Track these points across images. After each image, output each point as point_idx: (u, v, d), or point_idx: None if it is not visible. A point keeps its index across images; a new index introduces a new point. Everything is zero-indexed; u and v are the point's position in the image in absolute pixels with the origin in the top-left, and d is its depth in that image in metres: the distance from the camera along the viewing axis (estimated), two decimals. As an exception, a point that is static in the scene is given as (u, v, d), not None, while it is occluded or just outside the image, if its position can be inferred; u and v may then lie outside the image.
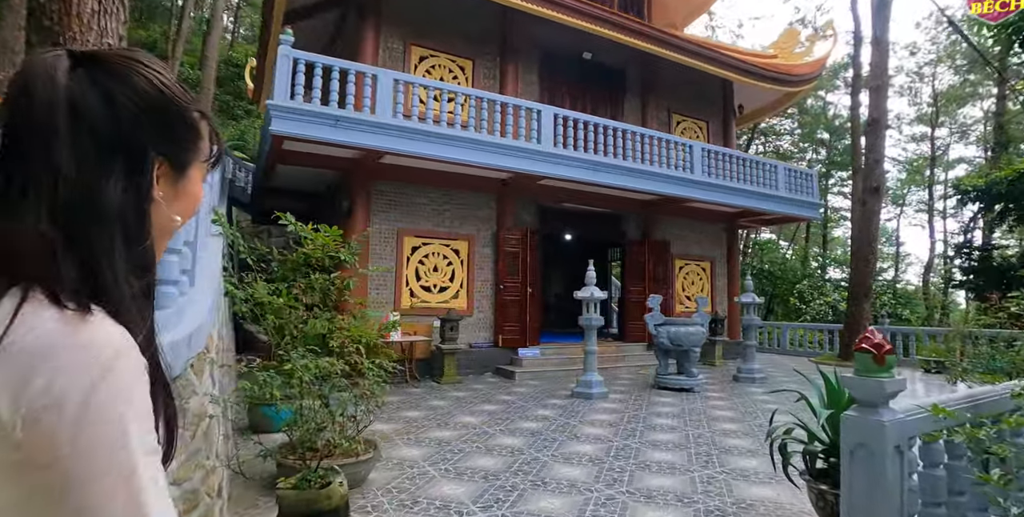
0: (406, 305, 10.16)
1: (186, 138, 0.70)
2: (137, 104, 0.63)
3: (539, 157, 9.89)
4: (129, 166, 0.62)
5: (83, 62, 0.61)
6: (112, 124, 0.61)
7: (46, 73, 0.59)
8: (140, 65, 0.65)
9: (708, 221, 13.78)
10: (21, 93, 0.59)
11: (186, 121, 0.70)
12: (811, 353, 15.46)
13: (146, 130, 0.64)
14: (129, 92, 0.63)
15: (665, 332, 9.17)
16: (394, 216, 10.23)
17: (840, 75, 32.55)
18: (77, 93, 0.59)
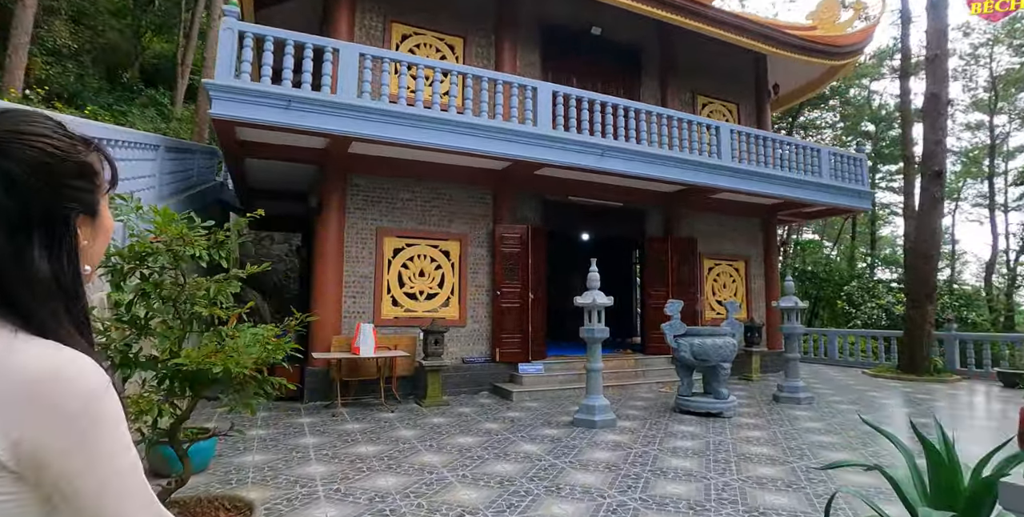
0: (388, 315, 8.78)
1: (91, 184, 0.75)
2: (35, 177, 0.68)
3: (537, 141, 8.39)
4: (51, 234, 0.69)
5: None
6: (23, 204, 0.67)
7: None
8: (26, 137, 0.68)
9: (741, 215, 12.01)
10: None
11: (85, 169, 0.74)
12: (864, 364, 13.46)
13: (61, 198, 0.70)
14: (25, 168, 0.67)
15: (687, 344, 7.52)
16: (373, 214, 8.87)
17: (885, 62, 30.05)
18: None
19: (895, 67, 29.67)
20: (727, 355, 7.48)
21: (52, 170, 0.70)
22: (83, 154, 0.74)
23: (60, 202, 0.71)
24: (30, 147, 0.68)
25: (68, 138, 0.73)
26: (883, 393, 9.75)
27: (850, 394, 9.53)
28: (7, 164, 0.66)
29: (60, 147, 0.71)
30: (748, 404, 8.38)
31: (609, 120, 9.00)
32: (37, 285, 0.68)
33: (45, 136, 0.70)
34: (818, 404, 8.43)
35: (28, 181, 0.67)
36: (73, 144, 0.73)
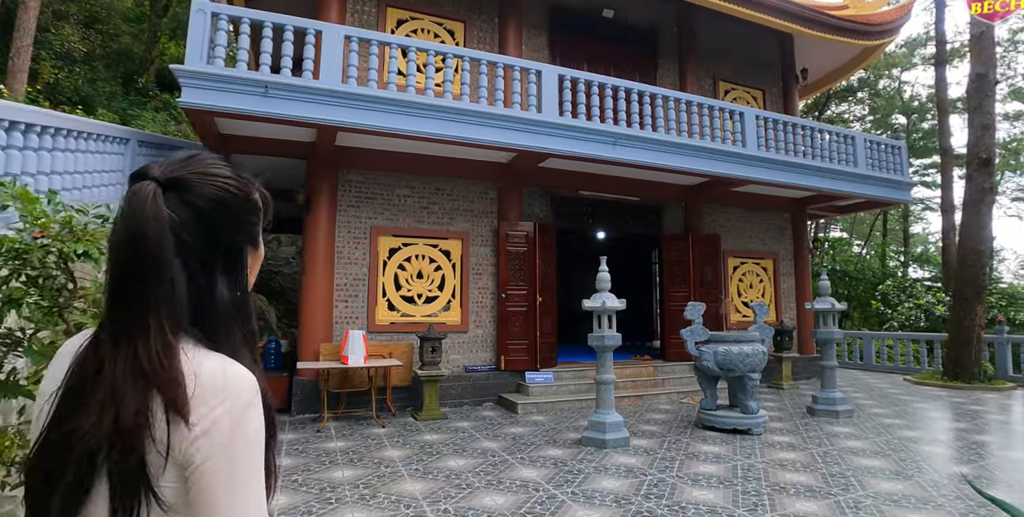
0: (383, 320, 8.07)
1: (256, 218, 0.87)
2: (221, 212, 0.79)
3: (542, 129, 7.61)
4: (230, 264, 0.82)
5: (169, 187, 0.77)
6: (210, 237, 0.79)
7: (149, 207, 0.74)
8: (212, 178, 0.80)
9: (768, 209, 11.07)
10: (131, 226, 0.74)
11: (254, 206, 0.86)
12: (904, 370, 12.38)
13: (237, 231, 0.83)
14: (213, 205, 0.79)
15: (711, 352, 6.66)
16: (367, 211, 8.17)
17: (917, 51, 28.57)
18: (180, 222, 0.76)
19: (926, 56, 28.27)
20: (756, 364, 6.60)
21: (232, 206, 0.81)
22: (253, 192, 0.85)
23: (238, 235, 0.83)
24: (216, 187, 0.79)
25: (241, 178, 0.84)
26: (930, 404, 8.74)
27: (893, 405, 8.55)
28: (199, 201, 0.77)
29: (238, 186, 0.82)
30: (779, 417, 7.47)
31: (622, 106, 8.17)
32: (220, 310, 0.79)
33: (227, 177, 0.81)
34: (859, 418, 7.49)
35: (215, 216, 0.79)
36: (246, 183, 0.84)
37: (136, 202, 0.74)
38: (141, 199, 0.74)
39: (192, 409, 0.70)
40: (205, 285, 0.77)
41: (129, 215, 0.74)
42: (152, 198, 0.74)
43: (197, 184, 0.77)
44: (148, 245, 0.72)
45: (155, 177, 0.77)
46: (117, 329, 0.73)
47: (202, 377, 0.72)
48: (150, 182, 0.76)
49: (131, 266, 0.73)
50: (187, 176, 0.78)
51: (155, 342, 0.71)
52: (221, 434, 0.70)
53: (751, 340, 6.74)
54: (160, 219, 0.73)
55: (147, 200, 0.74)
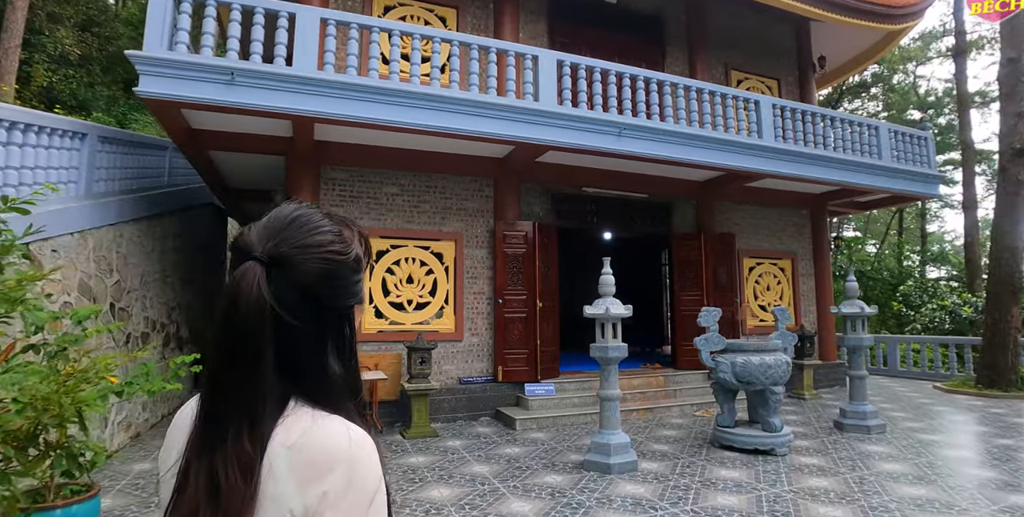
0: (370, 329, 7.41)
1: (361, 274, 0.81)
2: (329, 285, 0.75)
3: (540, 119, 6.92)
4: (339, 334, 0.77)
5: (272, 266, 0.72)
6: (317, 311, 0.74)
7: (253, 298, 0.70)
8: (315, 249, 0.75)
9: (785, 205, 10.31)
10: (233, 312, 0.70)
11: (358, 262, 0.80)
12: (932, 376, 11.54)
13: (344, 298, 0.78)
14: (321, 280, 0.74)
15: (728, 363, 5.94)
16: (352, 211, 7.52)
17: (932, 45, 27.60)
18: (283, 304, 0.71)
19: (942, 49, 27.30)
20: (779, 376, 5.87)
21: (336, 275, 0.76)
22: (354, 247, 0.80)
23: (347, 301, 0.78)
24: (321, 259, 0.74)
25: (342, 235, 0.79)
26: (967, 415, 7.94)
27: (927, 417, 7.76)
28: (306, 280, 0.73)
29: (340, 251, 0.77)
30: (804, 434, 6.72)
31: (627, 94, 7.47)
32: (332, 384, 0.75)
33: (330, 244, 0.76)
34: (892, 434, 6.72)
35: (319, 290, 0.74)
36: (346, 241, 0.79)
37: (239, 287, 0.70)
38: (245, 284, 0.70)
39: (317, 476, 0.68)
40: (315, 362, 0.74)
41: (232, 302, 0.70)
42: (255, 284, 0.70)
43: (301, 261, 0.73)
44: (249, 335, 0.70)
45: (257, 257, 0.72)
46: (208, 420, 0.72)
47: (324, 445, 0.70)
48: (254, 264, 0.72)
49: (228, 355, 0.71)
50: (290, 253, 0.73)
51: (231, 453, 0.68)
52: (346, 503, 0.68)
53: (772, 349, 6.01)
54: (260, 307, 0.70)
55: (252, 287, 0.70)
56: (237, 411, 0.70)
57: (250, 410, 0.70)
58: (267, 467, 0.68)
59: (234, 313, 0.70)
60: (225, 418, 0.70)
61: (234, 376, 0.71)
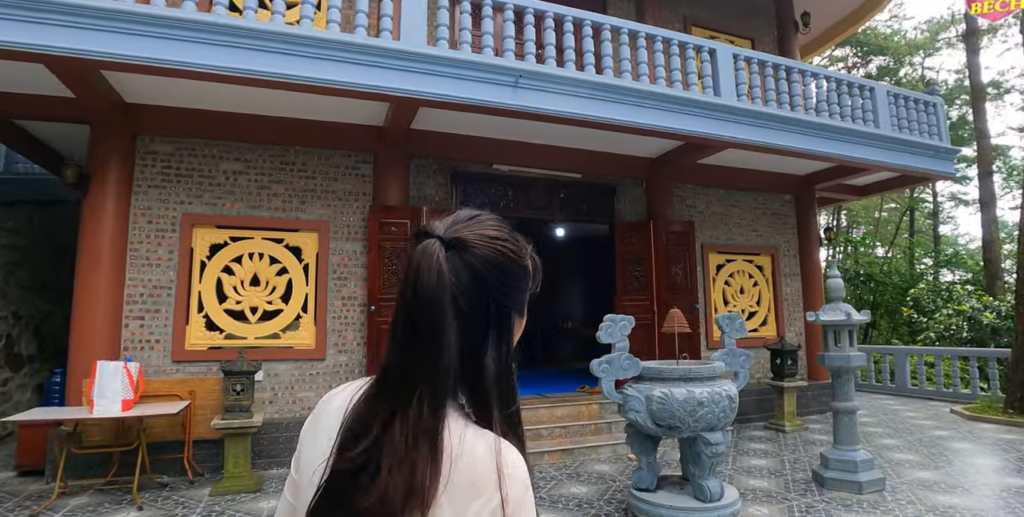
0: (198, 344, 5.49)
1: (526, 285, 0.79)
2: (497, 275, 0.73)
3: (402, 64, 4.96)
4: (500, 330, 0.74)
5: (450, 246, 0.71)
6: (485, 302, 0.72)
7: (435, 267, 0.69)
8: (492, 240, 0.74)
9: (763, 189, 8.20)
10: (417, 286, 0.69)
11: (526, 271, 0.78)
12: (950, 396, 9.26)
13: (508, 297, 0.75)
14: (490, 267, 0.72)
15: (641, 399, 3.89)
16: (178, 194, 5.63)
17: (941, 36, 25.18)
18: (457, 282, 0.70)
19: (951, 40, 24.89)
20: (715, 419, 3.79)
21: (507, 270, 0.74)
22: (526, 258, 0.78)
23: (509, 301, 0.75)
24: (494, 249, 0.73)
25: (519, 242, 0.78)
26: (999, 456, 5.74)
27: (944, 460, 5.57)
28: (472, 261, 0.71)
29: (515, 251, 0.76)
30: (768, 492, 4.60)
31: (530, 34, 5.49)
32: (489, 383, 0.71)
33: (505, 240, 0.75)
34: (894, 491, 4.58)
35: (490, 279, 0.72)
36: (521, 249, 0.78)
37: (422, 261, 0.70)
38: (427, 258, 0.70)
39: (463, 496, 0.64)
40: (476, 354, 0.71)
41: (415, 273, 0.70)
42: (437, 258, 0.70)
43: (478, 245, 0.73)
44: (432, 309, 0.68)
45: (439, 236, 0.73)
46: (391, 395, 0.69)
47: (477, 460, 0.66)
48: (435, 241, 0.72)
49: (411, 325, 0.69)
50: (468, 236, 0.73)
51: (414, 418, 0.66)
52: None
53: (708, 377, 3.93)
54: (442, 281, 0.69)
55: (433, 259, 0.70)
56: (422, 377, 0.68)
57: (432, 379, 0.67)
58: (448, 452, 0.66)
59: (417, 283, 0.69)
60: (411, 381, 0.68)
61: (418, 344, 0.68)
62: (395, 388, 0.68)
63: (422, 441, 0.65)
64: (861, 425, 7.27)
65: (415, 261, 0.71)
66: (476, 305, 0.71)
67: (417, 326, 0.69)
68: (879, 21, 24.94)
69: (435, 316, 0.68)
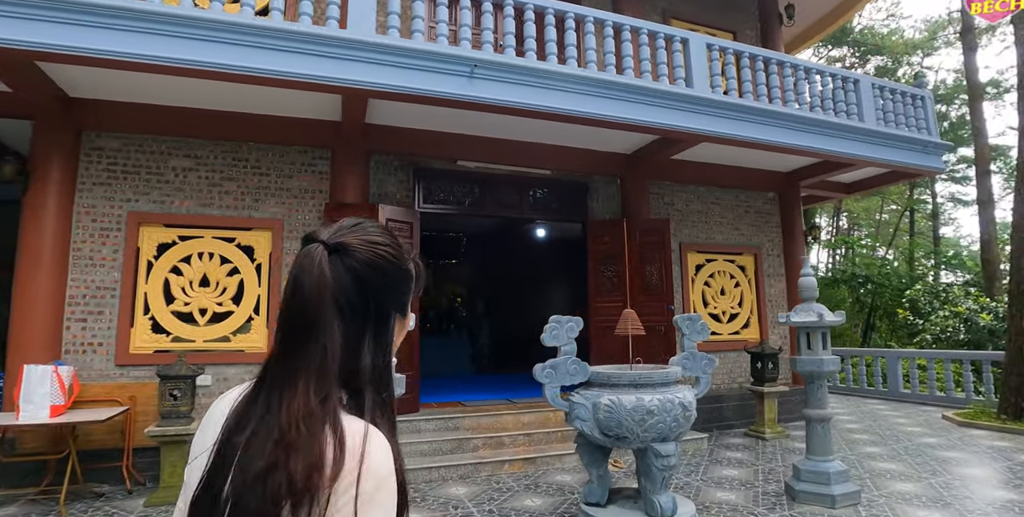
0: (143, 348, 5.22)
1: (407, 287, 0.83)
2: (377, 278, 0.76)
3: (350, 53, 4.68)
4: (378, 330, 0.77)
5: (334, 251, 0.74)
6: (365, 302, 0.75)
7: (316, 269, 0.72)
8: (373, 245, 0.77)
9: (744, 186, 7.86)
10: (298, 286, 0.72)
11: (407, 275, 0.82)
12: (943, 401, 8.88)
13: (389, 298, 0.79)
14: (371, 270, 0.75)
15: (588, 407, 3.57)
16: (124, 191, 5.37)
17: (939, 34, 24.72)
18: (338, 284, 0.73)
19: (950, 39, 24.42)
20: (666, 429, 3.46)
21: (387, 273, 0.77)
22: (408, 262, 0.82)
23: (389, 302, 0.79)
24: (374, 253, 0.76)
25: (400, 247, 0.81)
26: (990, 466, 5.37)
27: (929, 471, 5.20)
28: (354, 264, 0.74)
29: (395, 255, 0.79)
30: (735, 506, 4.25)
31: (488, 22, 5.19)
32: (365, 375, 0.74)
33: (387, 245, 0.79)
34: (871, 505, 4.23)
35: (371, 282, 0.75)
36: (403, 254, 0.81)
37: (305, 263, 0.73)
38: (309, 261, 0.73)
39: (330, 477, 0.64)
40: (355, 350, 0.74)
41: (297, 275, 0.73)
42: (319, 261, 0.73)
43: (359, 250, 0.76)
44: (311, 307, 0.71)
45: (323, 241, 0.76)
46: (271, 386, 0.71)
47: (346, 449, 0.66)
48: (319, 245, 0.75)
49: (294, 325, 0.72)
50: (351, 241, 0.76)
51: (299, 404, 0.67)
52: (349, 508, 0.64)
53: (661, 383, 3.60)
54: (323, 282, 0.72)
55: (315, 262, 0.73)
56: (304, 369, 0.69)
57: (315, 371, 0.69)
58: None
59: (298, 284, 0.72)
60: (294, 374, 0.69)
61: (299, 339, 0.70)
62: (279, 380, 0.69)
63: (307, 429, 0.65)
64: (846, 431, 6.92)
65: (298, 263, 0.74)
66: (357, 305, 0.74)
67: (298, 324, 0.71)
68: (876, 21, 24.56)
69: (315, 314, 0.70)
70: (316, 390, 0.68)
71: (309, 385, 0.68)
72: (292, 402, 0.67)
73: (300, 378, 0.68)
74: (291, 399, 0.67)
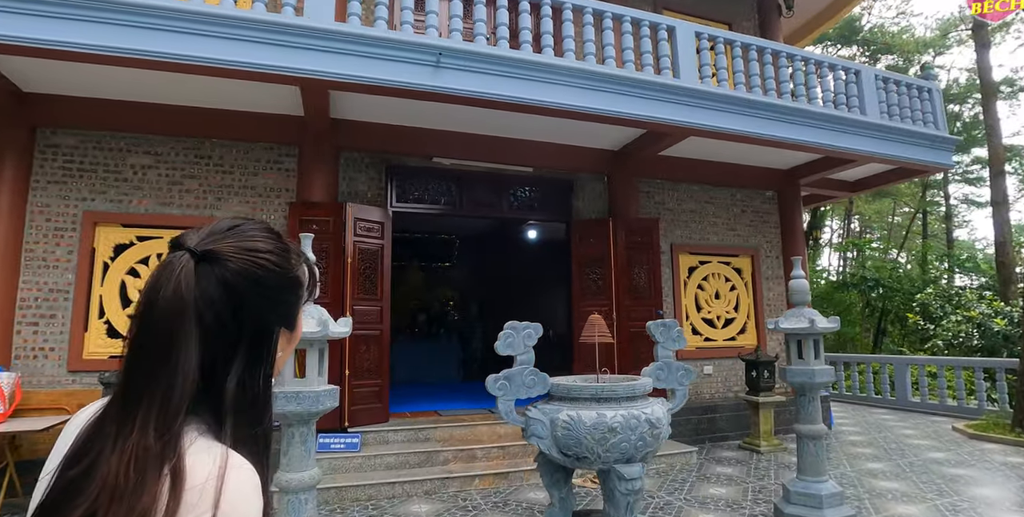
0: (97, 353, 4.96)
1: (296, 297, 0.73)
2: (254, 290, 0.66)
3: (308, 41, 4.36)
4: (255, 344, 0.67)
5: (203, 259, 0.64)
6: (237, 317, 0.65)
7: (175, 281, 0.62)
8: (250, 252, 0.66)
9: (741, 185, 7.43)
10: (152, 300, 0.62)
11: (293, 284, 0.72)
12: (953, 410, 8.36)
13: (270, 312, 0.68)
14: (246, 282, 0.65)
15: (545, 423, 3.18)
16: (79, 190, 5.11)
17: (951, 33, 24.01)
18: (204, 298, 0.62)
19: (962, 37, 23.70)
20: (631, 448, 3.07)
21: (267, 284, 0.68)
22: (295, 268, 0.73)
23: (270, 316, 0.69)
24: (251, 262, 0.67)
25: (286, 253, 0.71)
26: (1003, 486, 4.89)
27: (935, 490, 4.74)
28: (226, 275, 0.65)
29: (278, 263, 0.69)
30: (716, 531, 3.84)
31: (456, 10, 4.85)
32: (232, 399, 0.65)
33: (267, 252, 0.68)
34: (869, 533, 3.79)
35: (246, 294, 0.66)
36: (289, 259, 0.72)
37: (161, 276, 0.63)
38: (169, 272, 0.63)
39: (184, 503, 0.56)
40: (222, 370, 0.64)
41: (153, 288, 0.63)
42: (181, 272, 0.63)
43: (232, 258, 0.65)
44: (163, 326, 0.61)
45: (190, 248, 0.65)
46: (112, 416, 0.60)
47: (193, 478, 0.57)
48: (184, 253, 0.65)
49: (139, 346, 0.62)
50: (223, 249, 0.66)
51: (132, 443, 0.57)
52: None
53: (627, 397, 3.20)
54: (181, 297, 0.62)
55: (173, 274, 0.63)
56: (149, 395, 0.59)
57: (160, 397, 0.59)
58: None
59: (152, 297, 0.62)
60: (137, 400, 0.60)
61: (150, 360, 0.61)
62: (120, 409, 0.60)
63: (136, 474, 0.55)
64: (848, 444, 6.46)
65: (155, 274, 0.64)
66: (227, 321, 0.64)
67: (148, 343, 0.61)
68: (885, 19, 23.93)
69: (169, 334, 0.61)
70: (158, 423, 0.59)
71: (150, 417, 0.59)
72: (127, 440, 0.58)
73: (142, 408, 0.59)
74: (127, 435, 0.58)
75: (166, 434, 0.58)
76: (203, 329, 0.62)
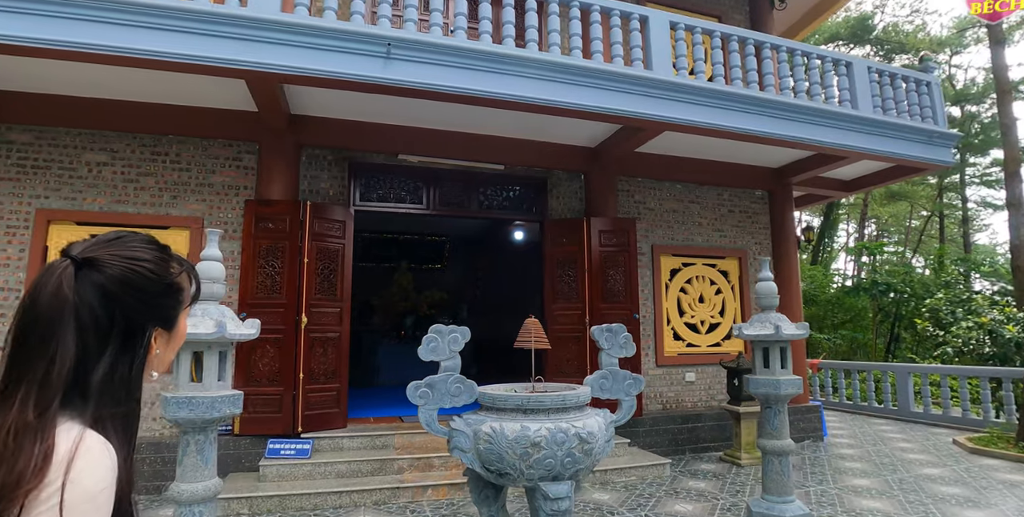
0: (44, 355, 4.71)
1: (175, 302, 0.81)
2: (128, 294, 0.73)
3: (253, 32, 4.14)
4: (126, 343, 0.74)
5: (83, 265, 0.71)
6: (110, 317, 0.72)
7: (52, 283, 0.69)
8: (127, 260, 0.74)
9: (728, 183, 7.06)
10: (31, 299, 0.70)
11: (172, 289, 0.80)
12: (958, 422, 7.87)
13: (144, 313, 0.76)
14: (120, 286, 0.73)
15: (468, 435, 2.89)
16: (32, 187, 4.96)
17: (968, 32, 23.18)
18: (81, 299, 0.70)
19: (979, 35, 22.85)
20: (557, 465, 2.76)
21: (141, 289, 0.75)
22: (174, 275, 0.80)
23: (144, 317, 0.76)
24: (127, 269, 0.73)
25: (164, 262, 0.79)
26: (998, 509, 4.45)
27: (926, 514, 4.32)
28: (102, 280, 0.72)
29: (154, 270, 0.76)
30: (669, 554, 3.50)
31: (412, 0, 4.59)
32: (100, 386, 0.71)
33: (143, 260, 0.75)
34: (836, 559, 3.42)
35: (118, 296, 0.72)
36: (167, 267, 0.79)
37: (44, 278, 0.71)
38: (49, 275, 0.71)
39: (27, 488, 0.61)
40: (94, 362, 0.71)
41: (34, 289, 0.71)
42: (59, 276, 0.71)
43: (108, 265, 0.73)
44: (42, 322, 0.69)
45: (72, 255, 0.73)
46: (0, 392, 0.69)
47: (58, 453, 0.64)
48: (65, 260, 0.73)
49: (21, 337, 0.70)
50: (101, 256, 0.73)
51: (12, 418, 0.65)
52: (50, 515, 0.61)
53: (557, 408, 2.90)
54: (60, 297, 0.69)
55: (53, 277, 0.71)
56: (27, 382, 0.67)
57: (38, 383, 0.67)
58: None
59: (36, 299, 0.69)
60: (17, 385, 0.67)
61: (28, 352, 0.68)
62: (3, 388, 0.68)
63: (14, 442, 0.63)
64: (837, 457, 6.04)
65: (37, 277, 0.72)
66: (101, 320, 0.71)
67: (29, 336, 0.69)
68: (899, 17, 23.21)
69: (47, 329, 0.68)
70: (36, 403, 0.66)
71: (29, 398, 0.66)
72: (7, 415, 0.65)
73: (21, 390, 0.66)
74: (7, 412, 0.65)
75: (44, 413, 0.65)
76: (79, 325, 0.69)
